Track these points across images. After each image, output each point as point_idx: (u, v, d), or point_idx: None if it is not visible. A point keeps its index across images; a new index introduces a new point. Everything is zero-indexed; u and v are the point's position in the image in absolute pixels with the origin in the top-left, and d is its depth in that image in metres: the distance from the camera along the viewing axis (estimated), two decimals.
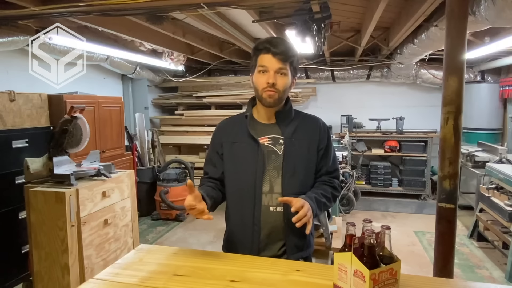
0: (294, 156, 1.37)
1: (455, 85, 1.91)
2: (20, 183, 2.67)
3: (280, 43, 1.33)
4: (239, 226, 1.40)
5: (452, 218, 1.97)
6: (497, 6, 2.03)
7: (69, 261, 2.16)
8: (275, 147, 1.38)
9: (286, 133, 1.39)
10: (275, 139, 1.39)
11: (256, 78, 1.36)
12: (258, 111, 1.45)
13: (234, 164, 1.41)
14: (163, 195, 4.53)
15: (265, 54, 1.32)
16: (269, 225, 1.36)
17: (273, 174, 1.37)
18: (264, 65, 1.33)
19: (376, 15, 2.79)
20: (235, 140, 1.42)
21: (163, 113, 6.28)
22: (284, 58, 1.32)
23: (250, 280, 1.10)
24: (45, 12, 2.48)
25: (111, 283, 1.11)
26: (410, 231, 4.18)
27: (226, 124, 1.50)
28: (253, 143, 1.38)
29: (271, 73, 1.32)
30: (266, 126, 1.42)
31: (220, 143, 1.44)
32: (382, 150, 5.57)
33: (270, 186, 1.37)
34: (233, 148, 1.42)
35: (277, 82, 1.32)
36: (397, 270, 0.94)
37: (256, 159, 1.36)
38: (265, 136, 1.40)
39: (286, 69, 1.34)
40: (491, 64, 4.71)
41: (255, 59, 1.37)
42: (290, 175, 1.36)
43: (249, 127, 1.40)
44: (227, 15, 3.14)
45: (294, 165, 1.37)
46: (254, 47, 1.38)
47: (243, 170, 1.38)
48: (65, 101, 3.27)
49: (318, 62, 5.26)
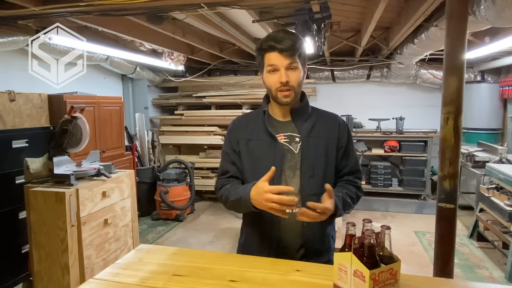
0: (312, 155, 1.31)
1: (455, 85, 1.91)
2: (20, 183, 2.67)
3: (284, 38, 1.26)
4: (257, 228, 1.35)
5: (452, 218, 1.97)
6: (497, 6, 2.03)
7: (69, 261, 2.16)
8: (290, 146, 1.33)
9: (303, 131, 1.33)
10: (291, 137, 1.34)
11: (267, 78, 1.31)
12: (273, 108, 1.40)
13: (251, 162, 1.35)
14: (163, 195, 4.53)
15: (272, 52, 1.27)
16: (286, 228, 1.30)
17: (288, 174, 1.31)
18: (272, 64, 1.27)
19: (376, 15, 2.79)
20: (251, 137, 1.36)
21: (163, 113, 6.28)
22: (292, 53, 1.26)
23: (250, 280, 1.10)
24: (45, 12, 2.48)
25: (111, 283, 1.11)
26: (410, 231, 4.18)
27: (241, 121, 1.45)
28: (270, 140, 1.32)
29: (282, 71, 1.26)
30: (282, 123, 1.37)
31: (237, 140, 1.38)
32: (382, 150, 5.57)
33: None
34: (249, 146, 1.36)
35: (290, 78, 1.27)
36: (397, 270, 0.94)
37: (274, 156, 1.30)
38: (280, 133, 1.34)
39: (296, 62, 1.28)
40: (491, 64, 4.71)
41: (261, 59, 1.32)
42: (310, 175, 1.30)
43: (267, 123, 1.34)
44: (227, 15, 3.14)
45: (313, 165, 1.31)
46: (258, 46, 1.33)
47: (260, 168, 1.27)
48: (65, 101, 3.27)
49: (318, 62, 5.26)
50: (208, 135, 5.54)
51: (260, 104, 1.48)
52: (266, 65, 1.30)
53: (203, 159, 5.57)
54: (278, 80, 1.27)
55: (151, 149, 5.30)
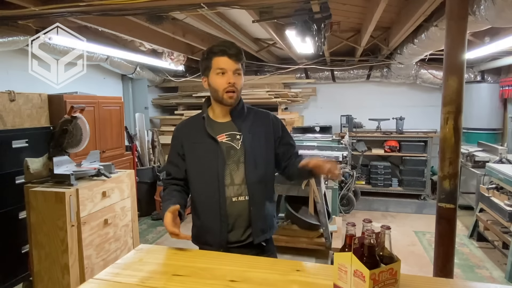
0: (253, 148, 1.48)
1: (455, 85, 1.91)
2: (20, 183, 2.67)
3: (232, 46, 1.45)
4: (208, 218, 1.48)
5: (452, 218, 1.97)
6: (497, 6, 2.03)
7: (69, 261, 2.16)
8: (232, 143, 1.49)
9: (243, 128, 1.50)
10: (232, 135, 1.50)
11: (215, 80, 1.45)
12: (214, 111, 1.54)
13: (197, 162, 1.50)
14: None
15: (221, 57, 1.43)
16: (235, 214, 1.46)
17: (232, 167, 1.47)
18: (222, 67, 1.43)
19: (376, 15, 2.79)
20: (195, 140, 1.51)
21: (163, 113, 6.28)
22: (238, 59, 1.44)
23: (250, 280, 1.10)
24: (45, 12, 2.48)
25: (111, 283, 1.11)
26: (410, 231, 4.18)
27: (185, 126, 1.59)
28: (212, 142, 1.47)
29: (229, 73, 1.43)
30: (223, 124, 1.52)
31: (181, 144, 1.53)
32: (382, 150, 5.57)
33: (231, 179, 1.47)
34: (194, 148, 1.51)
35: (236, 81, 1.44)
36: (397, 270, 0.94)
37: (217, 156, 1.46)
38: (222, 133, 1.49)
39: (241, 69, 1.46)
40: (491, 64, 4.71)
41: (210, 62, 1.45)
42: (252, 166, 1.47)
43: (207, 127, 1.49)
44: (227, 15, 3.14)
45: (255, 157, 1.48)
46: (208, 50, 1.47)
47: (206, 167, 1.48)
48: (65, 101, 3.27)
49: (318, 62, 5.26)
50: None
51: (260, 104, 1.52)
52: (214, 68, 1.45)
53: None
54: (226, 81, 1.43)
55: (151, 149, 5.30)
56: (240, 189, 1.46)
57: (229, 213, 1.45)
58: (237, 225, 1.47)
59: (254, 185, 1.47)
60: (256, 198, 1.47)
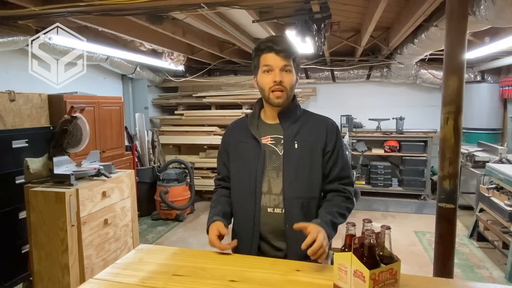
0: (295, 159, 1.33)
1: (455, 85, 1.91)
2: (20, 183, 2.67)
3: (281, 41, 1.32)
4: (241, 225, 1.41)
5: (452, 218, 1.97)
6: (497, 6, 2.03)
7: (69, 261, 2.16)
8: (276, 147, 1.37)
9: (287, 134, 1.36)
10: (277, 139, 1.38)
11: (261, 78, 1.34)
12: (265, 111, 1.44)
13: (238, 163, 1.42)
14: (163, 195, 4.53)
15: (268, 53, 1.31)
16: (269, 226, 1.35)
17: (272, 174, 1.35)
18: (268, 64, 1.31)
19: (376, 15, 2.79)
20: (241, 139, 1.43)
21: (163, 113, 6.28)
22: (287, 55, 1.30)
23: (250, 280, 1.10)
24: (45, 12, 2.48)
25: (111, 283, 1.11)
26: (410, 231, 4.18)
27: (235, 124, 1.52)
28: (255, 143, 1.38)
29: (276, 71, 1.30)
30: (270, 126, 1.41)
31: (228, 142, 1.47)
32: (382, 150, 5.57)
33: (269, 187, 1.35)
34: (237, 147, 1.43)
35: (284, 79, 1.31)
36: (397, 270, 0.94)
37: (257, 158, 1.36)
38: (267, 136, 1.39)
39: (291, 66, 1.32)
40: (491, 64, 4.71)
41: (258, 60, 1.35)
42: (292, 179, 1.32)
43: (251, 127, 1.40)
44: (227, 15, 3.14)
45: (296, 169, 1.33)
46: (256, 47, 1.37)
47: (246, 169, 1.38)
48: (65, 101, 3.26)
49: (318, 62, 5.26)
50: (208, 135, 5.54)
51: None
52: (261, 65, 1.34)
53: (203, 159, 5.56)
54: (272, 80, 1.31)
55: (151, 149, 5.29)
56: (277, 200, 1.33)
57: (262, 224, 1.34)
58: (272, 239, 1.35)
59: (291, 200, 1.31)
60: (293, 215, 1.30)
